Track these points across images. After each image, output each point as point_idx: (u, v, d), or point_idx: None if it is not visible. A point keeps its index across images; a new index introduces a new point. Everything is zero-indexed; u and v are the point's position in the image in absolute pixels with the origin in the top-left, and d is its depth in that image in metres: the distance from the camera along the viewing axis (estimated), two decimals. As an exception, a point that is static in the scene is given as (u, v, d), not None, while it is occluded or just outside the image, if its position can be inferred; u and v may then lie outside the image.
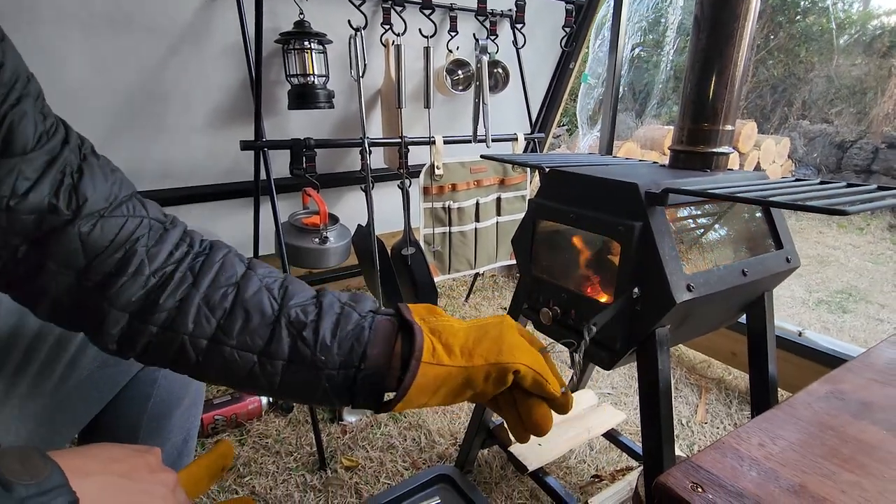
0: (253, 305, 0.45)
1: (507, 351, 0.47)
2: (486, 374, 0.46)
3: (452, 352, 0.47)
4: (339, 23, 1.35)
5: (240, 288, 0.46)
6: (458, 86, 1.69)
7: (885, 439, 0.47)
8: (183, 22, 1.26)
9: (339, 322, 0.46)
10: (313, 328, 0.45)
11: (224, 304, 0.45)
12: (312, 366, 0.45)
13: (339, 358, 0.45)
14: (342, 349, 0.45)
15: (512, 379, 0.46)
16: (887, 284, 2.96)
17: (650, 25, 5.20)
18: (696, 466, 0.44)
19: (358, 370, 0.45)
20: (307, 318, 0.46)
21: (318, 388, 0.45)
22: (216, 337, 0.44)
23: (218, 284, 0.46)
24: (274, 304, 0.46)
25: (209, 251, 0.48)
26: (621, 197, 0.69)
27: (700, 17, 0.76)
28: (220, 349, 0.44)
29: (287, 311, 0.46)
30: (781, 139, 4.94)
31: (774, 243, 0.81)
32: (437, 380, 0.46)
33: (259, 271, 0.49)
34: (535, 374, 0.47)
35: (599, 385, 1.56)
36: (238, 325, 0.44)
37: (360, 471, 1.17)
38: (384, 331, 0.47)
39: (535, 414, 0.48)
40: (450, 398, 0.48)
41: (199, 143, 1.48)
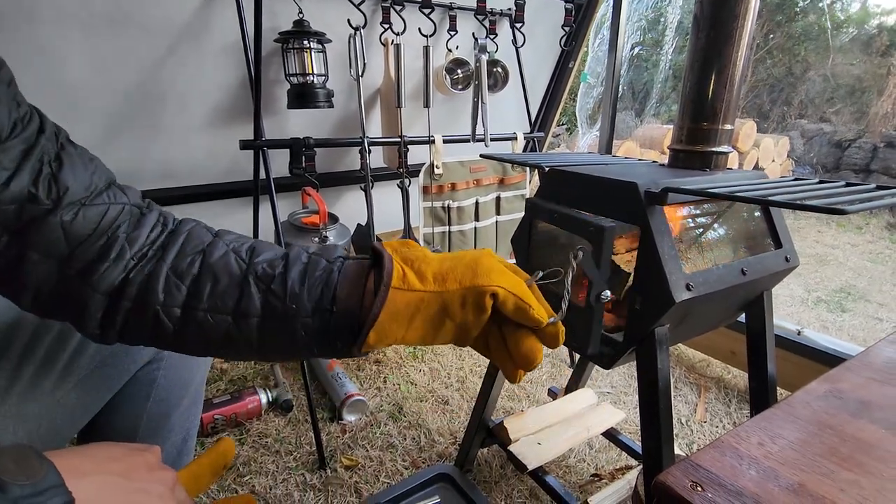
0: (220, 268, 0.45)
1: (483, 273, 0.44)
2: (462, 299, 0.44)
3: (425, 278, 0.45)
4: (339, 22, 1.35)
5: (206, 253, 0.46)
6: (458, 85, 1.69)
7: (883, 438, 0.47)
8: (182, 21, 1.26)
9: (306, 270, 0.46)
10: (281, 280, 0.45)
11: (192, 271, 0.45)
12: (285, 316, 0.45)
13: (310, 304, 0.45)
14: (312, 295, 0.45)
15: (491, 304, 0.44)
16: (886, 283, 2.97)
17: (649, 24, 5.20)
18: (696, 465, 0.44)
19: (331, 313, 0.45)
20: (275, 271, 0.46)
21: (297, 339, 0.45)
22: (188, 303, 0.44)
23: (185, 253, 0.46)
24: (241, 263, 0.46)
25: (177, 226, 0.49)
26: (620, 196, 0.69)
27: (699, 16, 0.76)
28: (193, 314, 0.44)
29: (254, 267, 0.46)
30: (780, 138, 4.95)
31: (773, 242, 0.81)
32: (409, 307, 0.44)
33: (226, 237, 0.49)
34: (517, 299, 0.44)
35: (599, 384, 1.56)
36: (207, 289, 0.45)
37: (360, 470, 1.18)
38: (354, 271, 0.46)
39: (522, 345, 0.46)
40: (429, 330, 0.45)
41: (198, 142, 1.48)
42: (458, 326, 0.45)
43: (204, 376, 0.79)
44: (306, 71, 1.32)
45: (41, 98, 1.17)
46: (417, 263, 0.46)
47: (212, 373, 1.52)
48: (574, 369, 1.30)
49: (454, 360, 1.68)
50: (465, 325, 0.45)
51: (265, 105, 1.43)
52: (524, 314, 0.44)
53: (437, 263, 0.46)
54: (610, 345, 0.76)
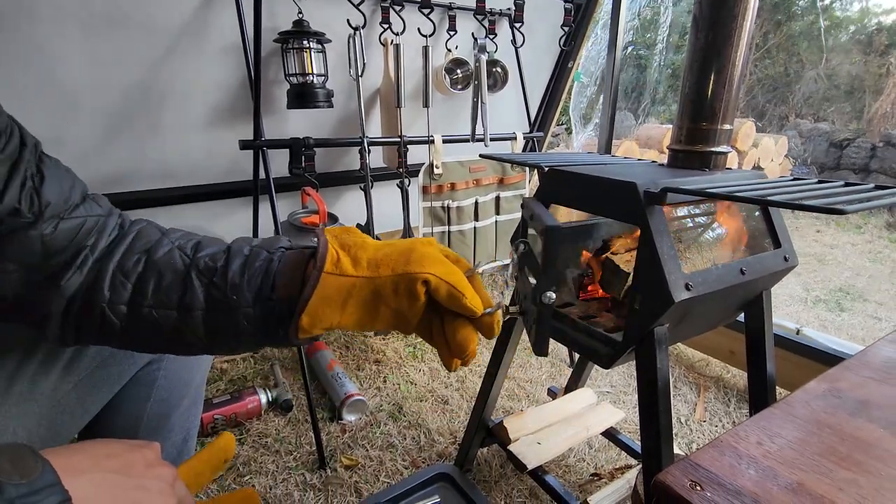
0: (164, 264, 0.47)
1: (416, 261, 0.45)
2: (394, 286, 0.45)
3: (359, 264, 0.46)
4: (338, 22, 1.35)
5: (151, 251, 0.48)
6: (457, 85, 1.69)
7: (881, 437, 0.47)
8: (182, 21, 1.26)
9: (246, 262, 0.47)
10: (222, 273, 0.46)
11: (137, 269, 0.47)
12: (228, 308, 0.46)
13: (251, 294, 0.46)
14: (252, 285, 0.46)
15: (423, 290, 0.45)
16: (885, 283, 2.97)
17: (643, 24, 5.21)
18: (695, 465, 0.44)
19: (271, 301, 0.46)
20: (216, 264, 0.47)
21: (241, 329, 0.46)
22: (133, 300, 0.46)
23: (132, 252, 0.48)
24: (185, 258, 0.48)
25: (130, 226, 0.50)
26: (620, 196, 0.69)
27: (699, 16, 0.76)
28: (139, 311, 0.46)
29: (196, 262, 0.47)
30: (779, 138, 4.95)
31: (773, 242, 0.81)
32: (341, 291, 0.45)
33: (173, 235, 0.50)
34: (449, 287, 0.44)
35: (598, 383, 1.56)
36: (152, 285, 0.46)
37: (360, 470, 1.18)
38: (293, 260, 0.48)
39: (457, 334, 0.46)
40: (363, 315, 0.46)
41: (197, 142, 1.48)
42: (394, 312, 0.46)
43: (204, 376, 0.79)
44: (306, 71, 1.32)
45: (41, 98, 1.18)
46: (354, 249, 0.47)
47: (212, 373, 1.52)
48: (574, 369, 1.30)
49: (454, 359, 1.68)
50: (400, 312, 0.46)
51: (265, 105, 1.43)
52: (457, 302, 0.45)
53: (374, 250, 0.47)
54: (609, 344, 0.76)
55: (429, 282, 0.44)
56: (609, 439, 1.20)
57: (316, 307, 0.44)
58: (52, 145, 1.30)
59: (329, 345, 1.69)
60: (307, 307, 0.44)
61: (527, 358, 1.70)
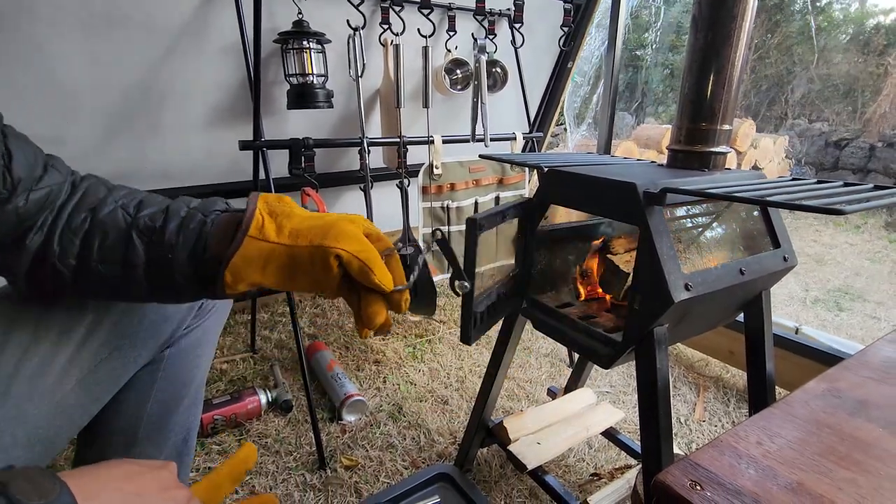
0: (108, 222, 0.51)
1: (333, 236, 0.49)
2: (310, 257, 0.49)
3: (282, 232, 0.50)
4: (338, 22, 1.35)
5: (96, 209, 0.52)
6: (457, 85, 1.69)
7: (880, 437, 0.47)
8: (181, 22, 1.26)
9: (182, 223, 0.52)
10: (160, 232, 0.51)
11: (84, 227, 0.51)
12: (166, 264, 0.51)
13: (185, 252, 0.51)
14: (186, 245, 0.51)
15: (336, 264, 0.49)
16: (884, 282, 2.98)
17: (636, 24, 5.21)
18: (695, 464, 0.44)
19: (202, 259, 0.51)
20: (155, 224, 0.52)
21: (178, 283, 0.52)
22: (81, 255, 0.51)
23: (80, 210, 0.52)
24: (127, 218, 0.52)
25: (80, 183, 0.55)
26: (619, 196, 0.69)
27: (698, 16, 0.77)
28: (87, 265, 0.51)
29: (137, 221, 0.52)
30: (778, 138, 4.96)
31: (772, 242, 0.81)
32: (261, 254, 0.50)
33: (117, 193, 0.55)
34: (360, 263, 0.49)
35: (598, 383, 1.56)
36: (97, 242, 0.51)
37: (360, 470, 1.18)
38: (225, 222, 0.52)
39: (368, 308, 0.51)
40: (281, 278, 0.51)
41: (197, 142, 1.48)
42: (311, 280, 0.51)
43: (204, 377, 0.79)
44: (306, 71, 1.32)
45: (40, 98, 1.18)
46: (281, 218, 0.52)
47: (211, 373, 1.52)
48: (573, 369, 1.31)
49: (454, 360, 1.68)
50: (316, 280, 0.51)
51: (264, 105, 1.43)
52: (366, 277, 0.50)
53: (299, 221, 0.52)
54: (609, 344, 0.76)
55: (341, 257, 0.49)
56: (609, 439, 1.21)
57: (238, 266, 0.49)
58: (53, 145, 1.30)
59: (329, 345, 1.69)
60: (230, 266, 0.49)
61: (526, 358, 1.71)
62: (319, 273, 0.49)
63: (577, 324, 0.81)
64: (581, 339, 0.81)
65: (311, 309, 2.02)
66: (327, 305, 2.05)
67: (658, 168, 0.87)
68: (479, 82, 1.53)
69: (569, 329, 0.83)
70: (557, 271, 0.96)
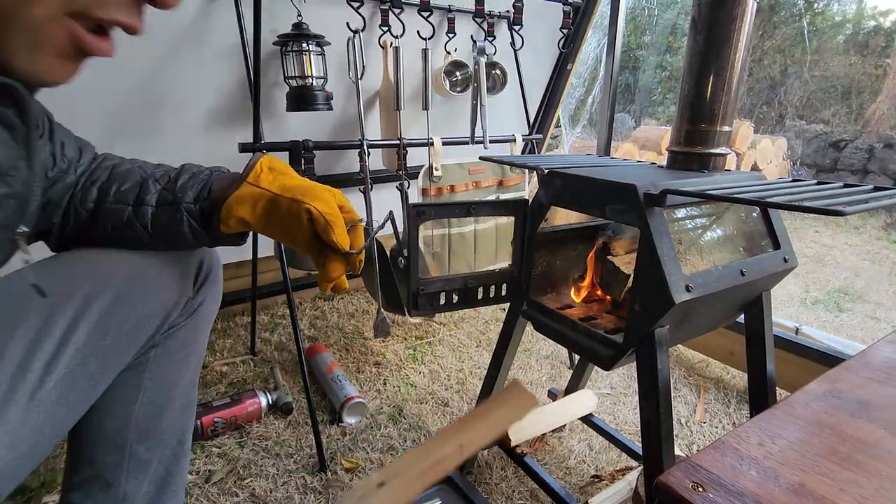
0: (126, 174, 0.65)
1: (310, 196, 0.61)
2: (287, 206, 0.61)
3: (273, 183, 0.63)
4: (337, 24, 1.35)
5: (115, 167, 0.67)
6: (457, 87, 1.69)
7: (882, 437, 0.47)
8: (181, 24, 1.26)
9: (193, 175, 0.65)
10: (174, 179, 0.65)
11: (102, 177, 0.65)
12: (174, 203, 0.63)
13: (193, 194, 0.63)
14: (195, 189, 0.64)
15: (306, 218, 0.60)
16: (883, 283, 2.98)
17: (635, 26, 5.23)
18: (697, 466, 0.44)
19: (206, 200, 0.63)
20: (170, 175, 0.66)
21: (182, 221, 0.63)
22: (99, 198, 0.63)
23: (100, 168, 0.66)
24: (143, 173, 0.65)
25: (99, 154, 0.70)
26: (620, 198, 0.69)
27: (697, 18, 0.77)
28: (102, 206, 0.63)
29: (154, 173, 0.65)
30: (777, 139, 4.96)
31: (772, 243, 0.81)
32: (252, 196, 0.62)
33: (134, 160, 0.70)
34: (325, 222, 0.60)
35: (599, 385, 1.56)
36: (115, 187, 0.64)
37: (361, 472, 1.18)
38: (228, 175, 0.66)
39: (328, 264, 0.63)
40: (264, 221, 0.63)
41: (197, 144, 1.48)
42: (285, 228, 0.63)
43: (194, 378, 0.78)
44: (305, 74, 1.32)
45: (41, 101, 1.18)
46: (276, 174, 0.65)
47: (211, 376, 1.52)
48: (574, 370, 1.31)
49: (454, 361, 1.68)
50: (288, 229, 0.62)
51: (264, 107, 1.43)
52: (327, 234, 0.60)
53: (290, 179, 0.64)
54: (610, 346, 0.76)
55: (311, 212, 0.60)
56: (609, 441, 1.21)
57: (231, 203, 0.62)
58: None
59: (329, 347, 1.69)
60: (226, 202, 0.62)
61: (527, 360, 1.71)
62: (292, 223, 0.61)
63: (577, 325, 0.81)
64: (582, 341, 0.81)
65: (311, 311, 2.02)
66: (327, 308, 2.05)
67: (658, 169, 0.87)
68: (479, 84, 1.53)
69: (569, 330, 0.83)
70: (558, 273, 0.96)
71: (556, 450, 1.27)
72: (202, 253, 0.74)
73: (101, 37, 0.40)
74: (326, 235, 0.60)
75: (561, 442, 1.30)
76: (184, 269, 0.70)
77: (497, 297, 0.92)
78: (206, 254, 0.74)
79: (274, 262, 1.79)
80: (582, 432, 1.32)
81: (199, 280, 0.73)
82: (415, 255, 0.84)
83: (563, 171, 0.80)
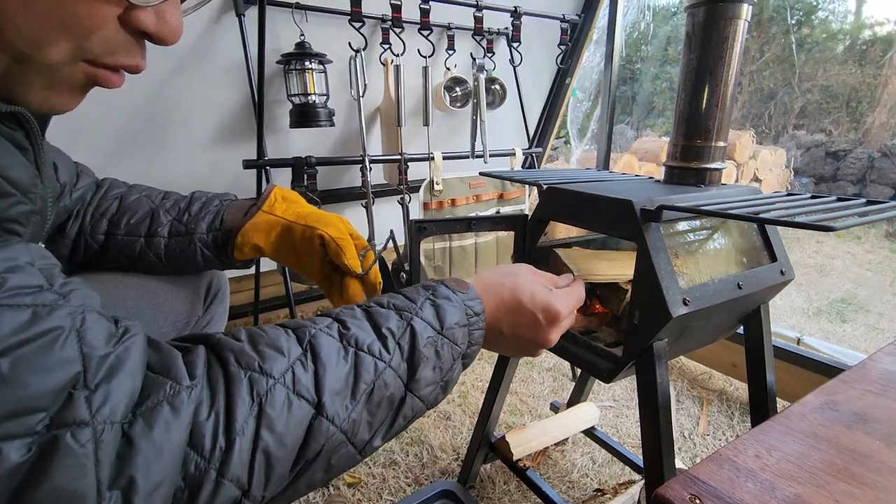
0: (135, 205, 0.66)
1: (323, 223, 0.65)
2: (301, 232, 0.65)
3: (288, 212, 0.67)
4: (338, 41, 1.38)
5: (123, 197, 0.67)
6: (457, 102, 1.72)
7: (877, 449, 0.48)
8: (186, 43, 1.29)
9: (204, 204, 0.68)
10: (185, 210, 0.67)
11: (111, 209, 0.66)
12: (187, 234, 0.65)
13: (205, 224, 0.66)
14: (206, 219, 0.66)
15: (319, 243, 0.64)
16: (886, 293, 2.97)
17: (633, 40, 5.29)
18: (694, 478, 0.45)
19: (219, 230, 0.66)
20: (180, 205, 0.67)
21: (195, 251, 0.66)
22: (109, 231, 0.65)
23: (106, 199, 0.67)
24: (152, 203, 0.67)
25: (101, 181, 0.69)
26: (617, 213, 0.70)
27: (691, 34, 0.78)
28: (114, 238, 0.65)
29: (163, 204, 0.67)
30: (777, 149, 4.99)
31: (769, 256, 0.82)
32: (268, 224, 0.66)
33: (139, 187, 0.70)
34: (337, 246, 0.63)
35: (601, 397, 1.56)
36: (125, 220, 0.65)
37: (363, 487, 1.17)
38: (239, 204, 0.69)
39: (349, 289, 0.67)
40: (278, 247, 0.66)
41: (201, 161, 1.50)
42: (298, 254, 0.66)
43: None
44: (308, 91, 1.35)
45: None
46: (289, 203, 0.69)
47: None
48: (576, 383, 1.31)
49: (456, 374, 1.68)
50: (301, 255, 0.66)
51: (267, 124, 1.46)
52: (338, 257, 0.64)
53: (303, 207, 0.69)
54: (610, 359, 0.77)
55: (324, 237, 0.64)
56: (613, 454, 1.20)
57: (248, 230, 0.65)
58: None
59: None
60: (242, 230, 0.65)
61: (529, 372, 1.71)
62: (305, 248, 0.65)
63: (577, 338, 0.82)
64: (582, 354, 0.81)
65: (313, 325, 2.02)
66: (330, 321, 2.05)
67: (655, 184, 0.88)
68: (478, 100, 1.55)
69: (569, 344, 0.83)
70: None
71: (559, 463, 1.27)
72: (211, 274, 0.76)
73: (113, 72, 0.42)
74: (338, 259, 0.63)
75: (564, 455, 1.29)
76: (194, 289, 0.72)
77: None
78: (215, 274, 0.77)
79: (276, 276, 1.80)
80: (585, 445, 1.32)
81: (209, 299, 0.75)
82: (416, 270, 0.85)
83: (561, 186, 0.81)
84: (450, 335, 0.47)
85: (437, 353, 0.46)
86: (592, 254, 0.92)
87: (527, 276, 0.57)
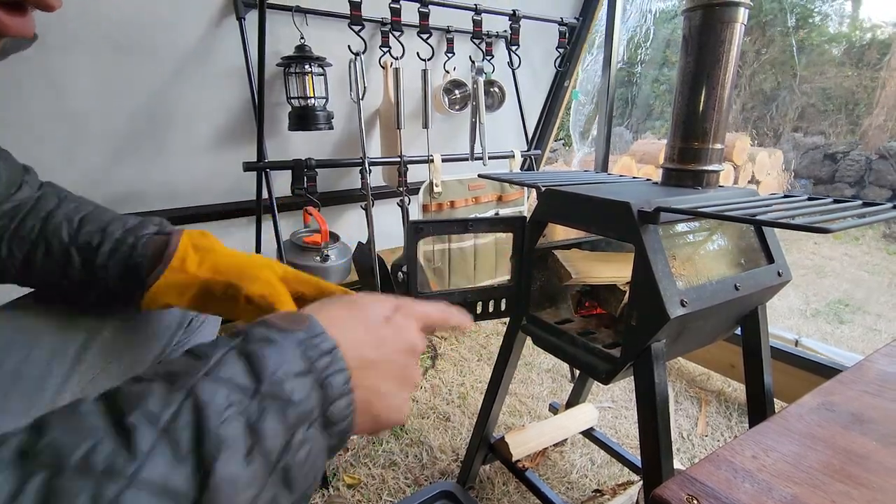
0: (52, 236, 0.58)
1: (246, 278, 0.56)
2: (223, 290, 0.56)
3: (202, 265, 0.57)
4: (338, 44, 1.39)
5: (46, 220, 0.59)
6: (456, 105, 1.72)
7: (874, 450, 0.48)
8: (187, 47, 1.30)
9: (117, 247, 0.58)
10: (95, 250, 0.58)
11: (31, 236, 0.58)
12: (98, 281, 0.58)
13: (115, 272, 0.58)
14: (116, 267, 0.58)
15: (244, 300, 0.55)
16: (883, 294, 2.98)
17: (633, 43, 5.32)
18: (692, 479, 0.45)
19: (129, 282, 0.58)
20: (92, 242, 0.58)
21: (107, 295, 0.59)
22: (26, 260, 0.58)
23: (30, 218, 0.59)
24: (70, 232, 0.59)
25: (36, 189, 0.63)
26: (614, 215, 0.71)
27: (688, 37, 0.79)
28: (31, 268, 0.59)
29: (78, 238, 0.58)
30: (774, 151, 5.00)
31: (766, 257, 0.83)
32: (178, 285, 0.57)
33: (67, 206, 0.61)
34: (268, 304, 0.55)
35: (600, 398, 1.56)
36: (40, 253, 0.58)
37: (363, 488, 1.18)
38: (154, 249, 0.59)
39: None
40: (196, 304, 0.58)
41: (202, 163, 1.50)
42: (224, 310, 0.58)
43: None
44: (307, 94, 1.35)
45: (48, 123, 1.21)
46: (203, 252, 0.59)
47: (214, 392, 1.52)
48: (574, 384, 1.31)
49: (455, 376, 1.68)
50: (227, 311, 0.58)
51: (267, 127, 1.46)
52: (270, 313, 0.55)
53: (220, 256, 0.59)
54: (608, 360, 0.77)
55: (250, 297, 0.55)
56: (611, 455, 1.21)
57: (154, 293, 0.56)
58: (62, 166, 1.32)
59: (330, 363, 1.69)
60: (147, 293, 0.56)
61: (528, 373, 1.71)
62: (231, 308, 0.57)
63: (575, 340, 0.82)
64: (580, 355, 0.82)
65: (312, 326, 2.02)
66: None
67: (652, 186, 0.89)
68: (477, 102, 1.56)
69: (568, 345, 0.84)
70: (556, 288, 0.97)
71: (558, 464, 1.27)
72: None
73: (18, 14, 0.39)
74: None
75: (563, 456, 1.30)
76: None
77: (497, 311, 0.93)
78: None
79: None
80: (584, 446, 1.33)
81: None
82: (414, 270, 0.86)
83: (559, 189, 0.82)
84: (277, 392, 0.30)
85: (253, 429, 0.29)
86: (590, 255, 0.93)
87: (362, 295, 0.46)
